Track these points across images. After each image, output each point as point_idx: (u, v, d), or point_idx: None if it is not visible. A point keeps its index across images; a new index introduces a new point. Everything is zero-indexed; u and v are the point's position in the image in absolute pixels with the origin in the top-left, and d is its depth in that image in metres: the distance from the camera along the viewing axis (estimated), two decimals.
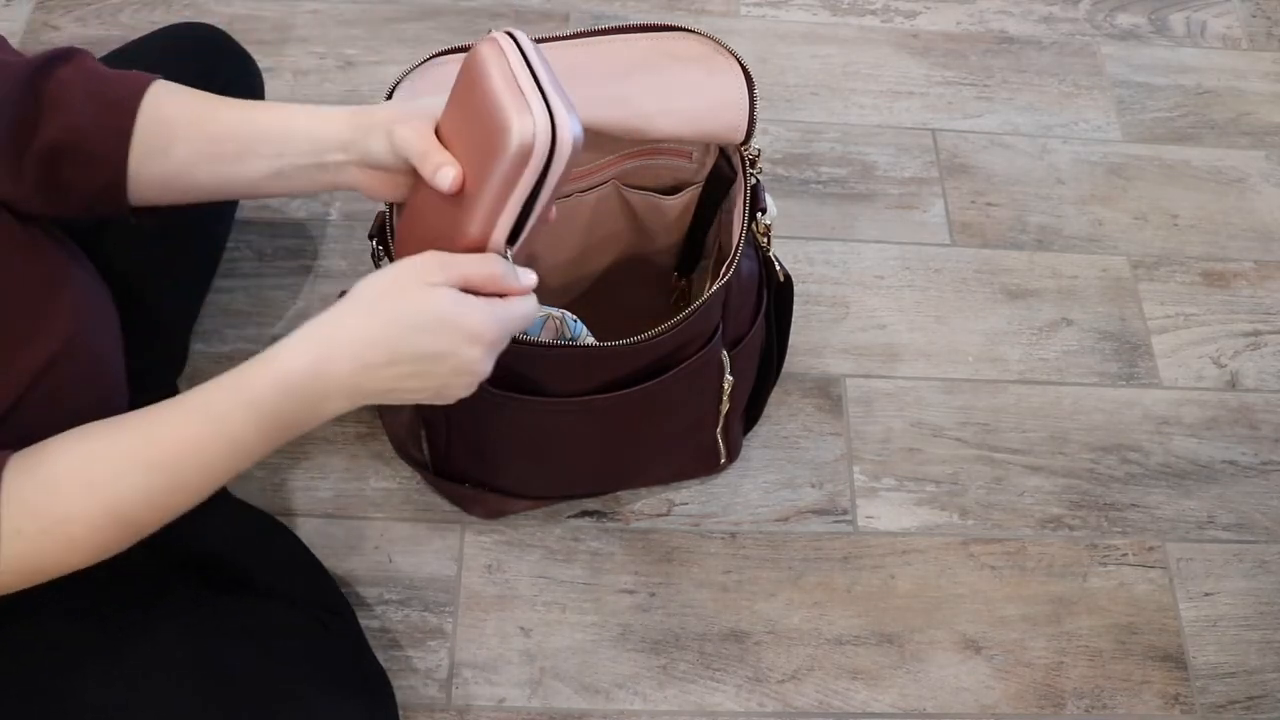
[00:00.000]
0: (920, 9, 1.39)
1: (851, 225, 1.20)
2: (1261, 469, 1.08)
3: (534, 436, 0.86)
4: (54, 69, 0.64)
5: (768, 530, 1.00)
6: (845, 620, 0.97)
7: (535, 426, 0.84)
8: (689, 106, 0.77)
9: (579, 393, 0.80)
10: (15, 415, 0.61)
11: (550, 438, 0.86)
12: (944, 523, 1.02)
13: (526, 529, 0.99)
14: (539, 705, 0.91)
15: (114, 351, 0.73)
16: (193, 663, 0.69)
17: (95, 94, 0.64)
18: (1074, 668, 0.96)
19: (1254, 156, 1.30)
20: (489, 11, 1.32)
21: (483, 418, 0.84)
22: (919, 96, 1.31)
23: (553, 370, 0.78)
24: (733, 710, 0.92)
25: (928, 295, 1.16)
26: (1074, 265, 1.19)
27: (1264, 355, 1.15)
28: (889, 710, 0.93)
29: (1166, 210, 1.25)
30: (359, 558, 0.96)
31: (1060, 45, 1.37)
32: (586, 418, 0.83)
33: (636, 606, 0.96)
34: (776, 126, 1.27)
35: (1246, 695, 0.96)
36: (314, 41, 1.27)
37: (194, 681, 0.67)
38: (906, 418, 1.08)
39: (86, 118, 0.63)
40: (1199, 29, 1.41)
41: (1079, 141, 1.29)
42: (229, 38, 0.98)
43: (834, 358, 1.11)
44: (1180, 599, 1.00)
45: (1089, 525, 1.03)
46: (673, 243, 0.94)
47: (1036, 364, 1.12)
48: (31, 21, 1.26)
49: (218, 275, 1.06)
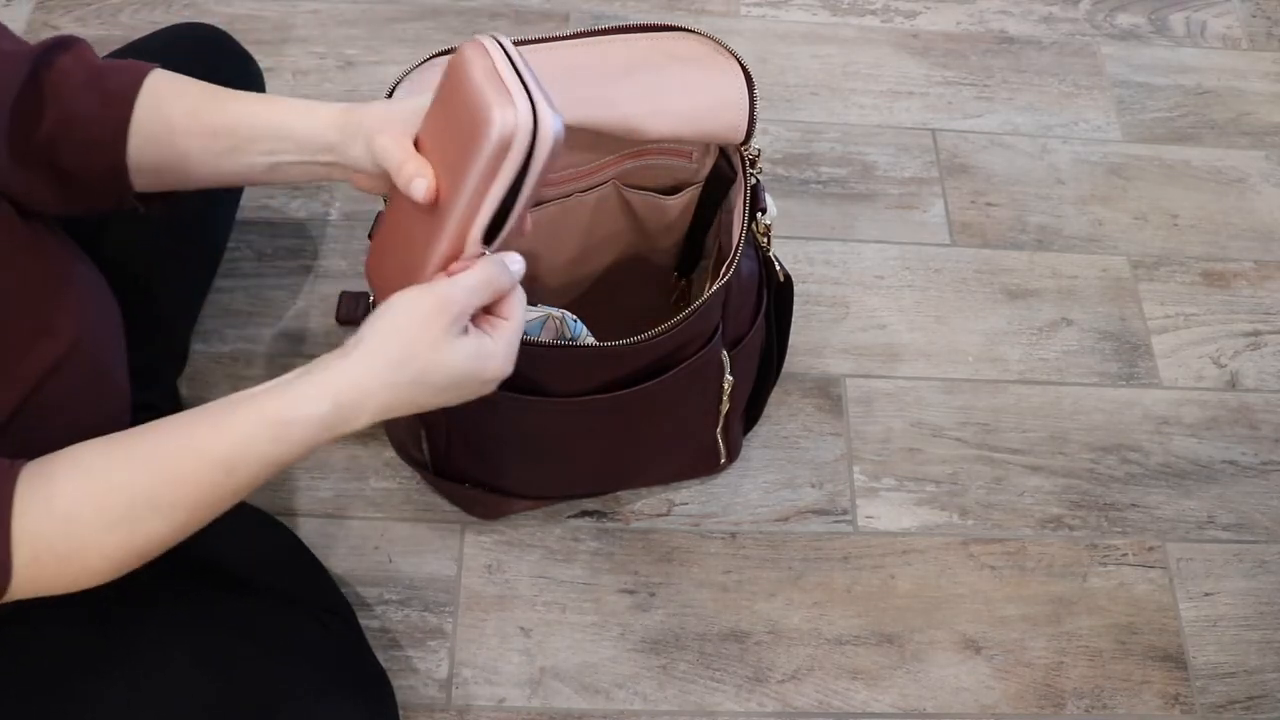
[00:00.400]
0: (920, 9, 1.39)
1: (851, 225, 1.20)
2: (1261, 469, 1.08)
3: (534, 436, 0.86)
4: (54, 58, 0.64)
5: (768, 530, 1.00)
6: (845, 620, 0.97)
7: (535, 426, 0.84)
8: (689, 106, 0.77)
9: (579, 393, 0.80)
10: (20, 419, 0.61)
11: (550, 438, 0.86)
12: (944, 523, 1.02)
13: (526, 529, 0.99)
14: (539, 705, 0.91)
15: (117, 353, 0.73)
16: (192, 663, 0.69)
17: (94, 83, 0.65)
18: (1074, 668, 0.96)
19: (1254, 156, 1.30)
20: (489, 11, 1.32)
21: (483, 418, 0.84)
22: (919, 96, 1.31)
23: (553, 370, 0.78)
24: (733, 710, 0.92)
25: (928, 295, 1.16)
26: (1074, 265, 1.19)
27: (1264, 355, 1.15)
28: (889, 710, 0.93)
29: (1166, 210, 1.25)
30: (359, 558, 0.96)
31: (1060, 45, 1.37)
32: (586, 418, 0.83)
33: (636, 606, 0.96)
34: (776, 126, 1.27)
35: (1246, 695, 0.96)
36: (314, 41, 1.27)
37: (193, 681, 0.68)
38: (906, 418, 1.08)
39: (86, 106, 0.64)
40: (1199, 29, 1.41)
41: (1079, 141, 1.29)
42: (230, 38, 0.98)
43: (834, 358, 1.11)
44: (1180, 599, 1.00)
45: (1089, 525, 1.03)
46: (673, 243, 0.94)
47: (1036, 364, 1.12)
48: (32, 21, 1.26)
49: (218, 275, 1.06)
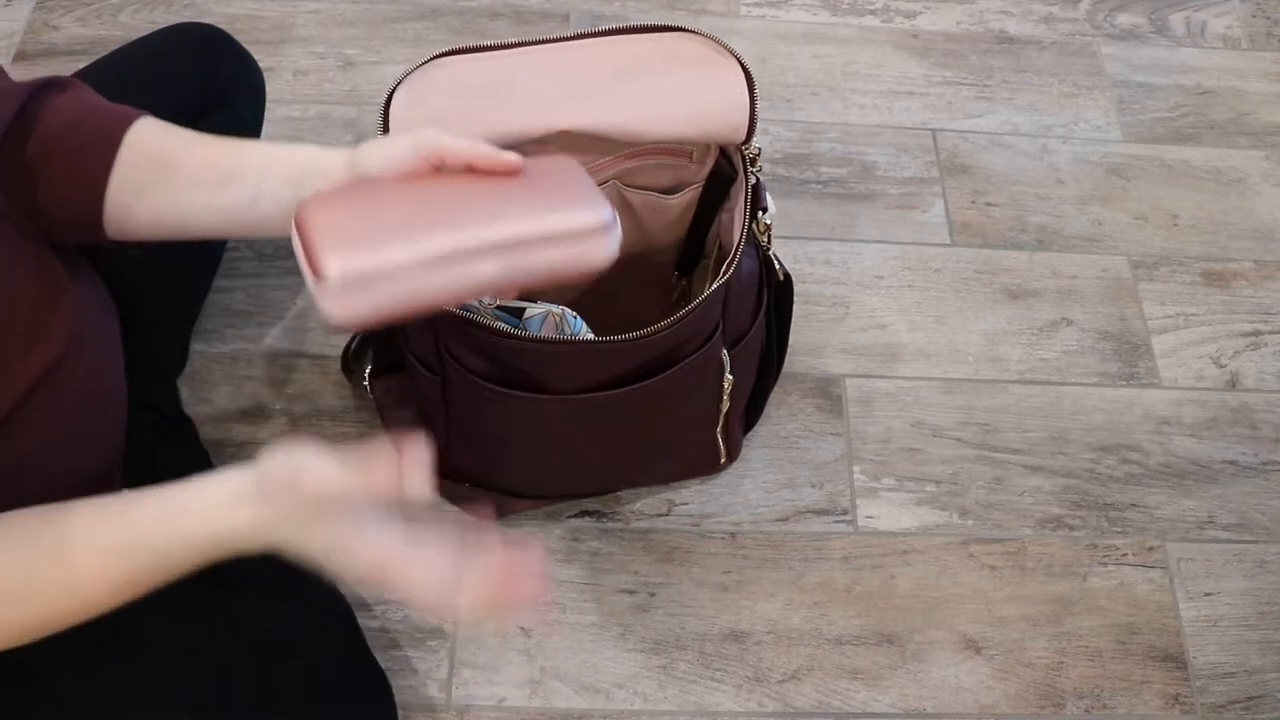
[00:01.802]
0: (920, 9, 1.39)
1: (851, 225, 1.20)
2: (1261, 469, 1.08)
3: (534, 435, 0.86)
4: (49, 96, 0.64)
5: (768, 530, 1.00)
6: (845, 620, 0.97)
7: (535, 425, 0.84)
8: (689, 107, 0.78)
9: (579, 390, 0.80)
10: (15, 422, 0.61)
11: (550, 436, 0.86)
12: (944, 523, 1.02)
13: (526, 529, 0.99)
14: (539, 705, 0.91)
15: (114, 355, 0.73)
16: (192, 663, 0.69)
17: (83, 121, 0.64)
18: (1074, 668, 0.96)
19: (1254, 156, 1.30)
20: (489, 11, 1.32)
21: (482, 416, 0.84)
22: (919, 96, 1.31)
23: (552, 366, 0.78)
24: (733, 710, 0.92)
25: (928, 295, 1.16)
26: (1074, 265, 1.19)
27: (1264, 355, 1.15)
28: (889, 710, 0.93)
29: (1166, 210, 1.25)
30: None
31: (1060, 45, 1.37)
32: (586, 415, 0.83)
33: (636, 606, 0.96)
34: (776, 126, 1.27)
35: (1246, 695, 0.96)
36: (314, 41, 1.27)
37: (193, 682, 0.67)
38: (906, 418, 1.08)
39: (72, 143, 0.63)
40: (1199, 29, 1.41)
41: (1079, 141, 1.29)
42: (231, 39, 0.98)
43: (834, 358, 1.11)
44: (1180, 599, 1.00)
45: (1089, 525, 1.03)
46: (673, 241, 0.94)
47: (1036, 364, 1.12)
48: (32, 21, 1.26)
49: (218, 275, 1.06)
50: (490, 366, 0.79)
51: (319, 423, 1.02)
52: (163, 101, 0.78)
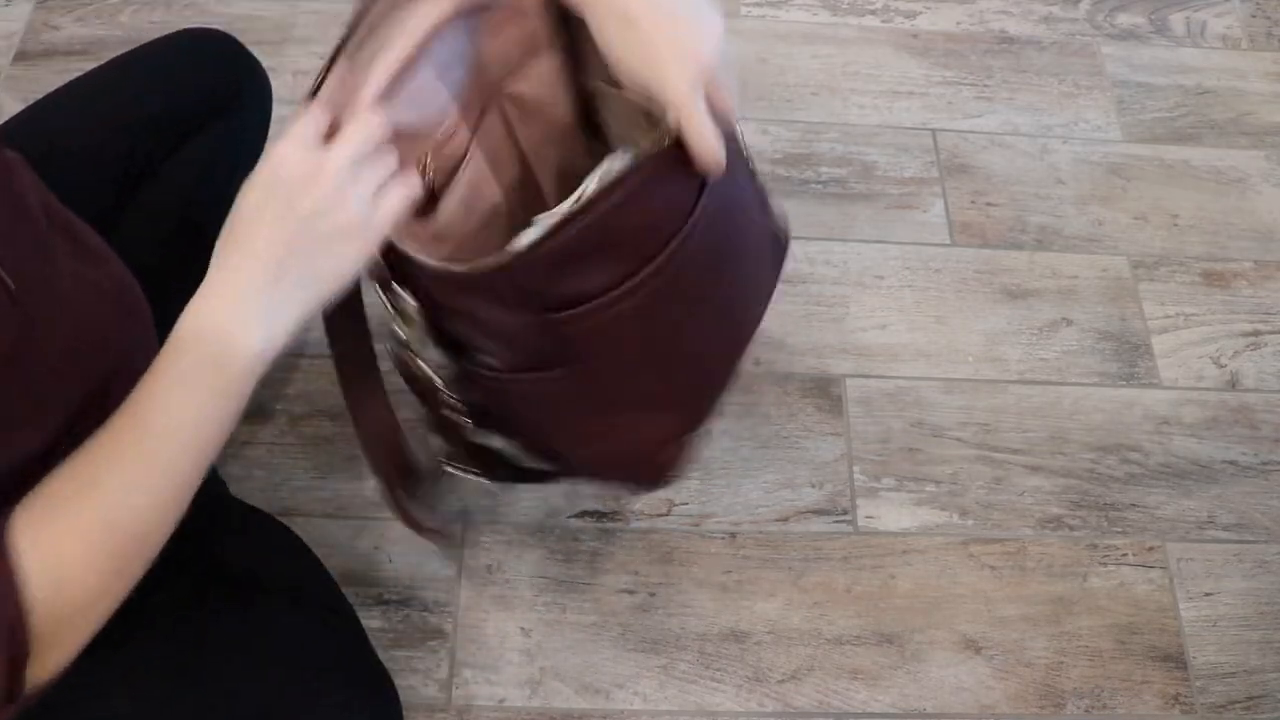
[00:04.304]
0: (920, 9, 1.39)
1: (851, 225, 1.20)
2: (1261, 469, 1.08)
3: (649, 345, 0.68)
4: None
5: (768, 530, 1.00)
6: (845, 620, 0.97)
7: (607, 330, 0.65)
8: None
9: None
10: (68, 440, 0.59)
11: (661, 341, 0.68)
12: (944, 523, 1.02)
13: (527, 529, 0.99)
14: (539, 705, 0.91)
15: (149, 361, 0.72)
16: (193, 663, 0.69)
17: None
18: (1074, 668, 0.96)
19: (1254, 156, 1.30)
20: None
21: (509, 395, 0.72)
22: (919, 96, 1.31)
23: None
24: (733, 710, 0.92)
25: (928, 295, 1.16)
26: (1074, 265, 1.19)
27: (1264, 355, 1.15)
28: (889, 710, 0.93)
29: (1166, 210, 1.25)
30: (359, 558, 0.96)
31: (1060, 45, 1.37)
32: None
33: (636, 606, 0.96)
34: (776, 126, 1.27)
35: (1246, 695, 0.96)
36: (314, 41, 1.27)
37: (194, 682, 0.67)
38: (906, 418, 1.08)
39: None
40: (1199, 29, 1.41)
41: (1079, 141, 1.29)
42: (243, 48, 0.97)
43: (834, 358, 1.11)
44: (1180, 599, 1.00)
45: (1089, 525, 1.03)
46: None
47: (1036, 364, 1.12)
48: (32, 21, 1.26)
49: None
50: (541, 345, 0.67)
51: (319, 423, 1.02)
52: (168, 109, 0.78)
